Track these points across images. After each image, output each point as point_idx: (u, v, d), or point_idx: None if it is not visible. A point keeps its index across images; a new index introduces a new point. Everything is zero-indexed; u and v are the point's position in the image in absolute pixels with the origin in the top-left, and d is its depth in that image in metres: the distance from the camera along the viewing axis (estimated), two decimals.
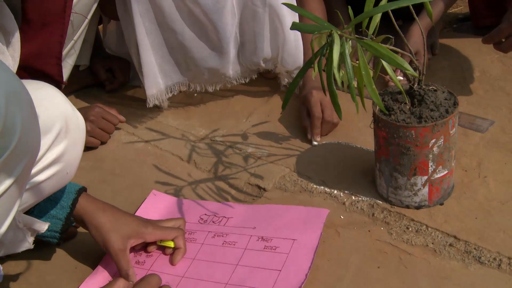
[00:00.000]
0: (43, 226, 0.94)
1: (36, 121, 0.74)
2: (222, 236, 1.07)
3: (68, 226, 1.01)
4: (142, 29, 1.37)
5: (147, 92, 1.44)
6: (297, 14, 1.37)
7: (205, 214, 1.13)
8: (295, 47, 1.41)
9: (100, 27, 1.73)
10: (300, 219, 1.06)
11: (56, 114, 0.90)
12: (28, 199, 0.91)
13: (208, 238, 1.07)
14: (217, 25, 1.37)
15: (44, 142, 0.87)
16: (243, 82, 1.50)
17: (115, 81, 1.66)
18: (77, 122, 0.94)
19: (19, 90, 0.69)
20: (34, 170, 0.88)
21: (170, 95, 1.48)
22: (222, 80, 1.49)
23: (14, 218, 0.80)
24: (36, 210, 0.98)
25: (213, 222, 1.11)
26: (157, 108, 1.52)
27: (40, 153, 0.87)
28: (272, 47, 1.43)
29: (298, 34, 1.41)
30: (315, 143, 1.30)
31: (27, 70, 1.31)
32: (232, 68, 1.45)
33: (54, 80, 1.38)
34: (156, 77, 1.44)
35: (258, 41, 1.41)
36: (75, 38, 1.43)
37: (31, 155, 0.73)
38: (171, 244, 1.04)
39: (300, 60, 1.44)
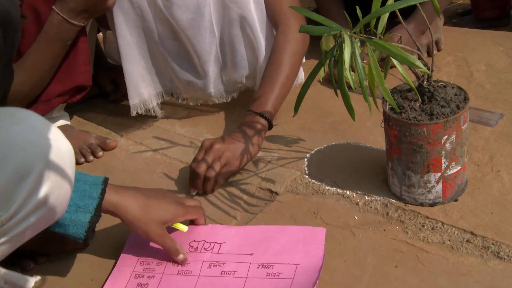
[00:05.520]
0: (28, 283, 0.86)
1: None
2: (218, 265, 1.02)
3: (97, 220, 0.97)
4: (124, 40, 1.38)
5: (130, 101, 1.44)
6: (270, 34, 1.39)
7: (194, 241, 1.08)
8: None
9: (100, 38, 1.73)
10: (299, 241, 1.03)
11: (34, 153, 0.80)
12: (13, 245, 0.84)
13: (203, 269, 1.02)
14: (193, 42, 1.37)
15: (24, 187, 0.78)
16: (225, 101, 1.49)
17: (119, 92, 1.66)
18: (61, 155, 0.83)
19: None
20: (16, 219, 0.80)
21: (154, 104, 1.48)
22: (203, 96, 1.48)
23: None
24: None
25: (205, 249, 1.06)
26: (157, 117, 1.52)
27: (21, 200, 0.79)
28: (251, 64, 1.43)
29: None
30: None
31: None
32: (213, 87, 1.45)
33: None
34: (139, 87, 1.44)
35: (238, 59, 1.41)
36: None
37: None
38: (183, 229, 1.05)
39: None
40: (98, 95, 1.69)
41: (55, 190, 0.82)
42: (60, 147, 0.84)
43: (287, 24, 1.34)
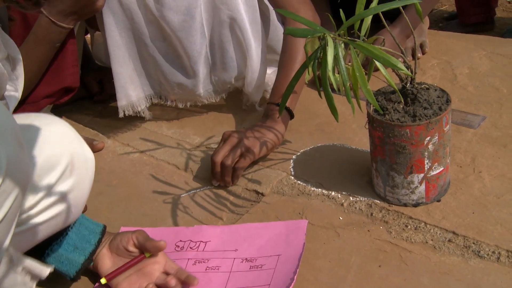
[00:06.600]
0: (44, 271, 0.88)
1: (24, 153, 0.70)
2: (203, 262, 1.04)
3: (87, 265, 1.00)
4: (113, 41, 1.38)
5: (118, 103, 1.45)
6: (260, 36, 1.40)
7: (180, 241, 1.10)
8: (257, 70, 1.42)
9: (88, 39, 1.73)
10: (281, 234, 1.05)
11: (62, 151, 0.87)
12: (28, 239, 0.88)
13: (189, 265, 1.04)
14: (184, 43, 1.37)
15: (48, 180, 0.84)
16: (214, 101, 1.50)
17: (104, 93, 1.67)
18: (85, 159, 0.91)
19: (2, 121, 0.66)
20: (35, 210, 0.85)
21: (143, 107, 1.48)
22: (192, 98, 1.49)
23: (12, 261, 0.77)
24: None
25: (190, 248, 1.08)
26: (145, 118, 1.53)
27: (43, 192, 0.84)
28: (240, 65, 1.44)
29: (263, 57, 1.42)
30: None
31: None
32: (203, 87, 1.46)
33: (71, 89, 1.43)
34: (127, 89, 1.44)
35: (227, 60, 1.42)
36: None
37: (20, 189, 0.70)
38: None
39: (260, 84, 1.44)
40: (85, 96, 1.69)
41: (74, 189, 0.89)
42: (86, 153, 0.93)
43: (296, 12, 1.35)
